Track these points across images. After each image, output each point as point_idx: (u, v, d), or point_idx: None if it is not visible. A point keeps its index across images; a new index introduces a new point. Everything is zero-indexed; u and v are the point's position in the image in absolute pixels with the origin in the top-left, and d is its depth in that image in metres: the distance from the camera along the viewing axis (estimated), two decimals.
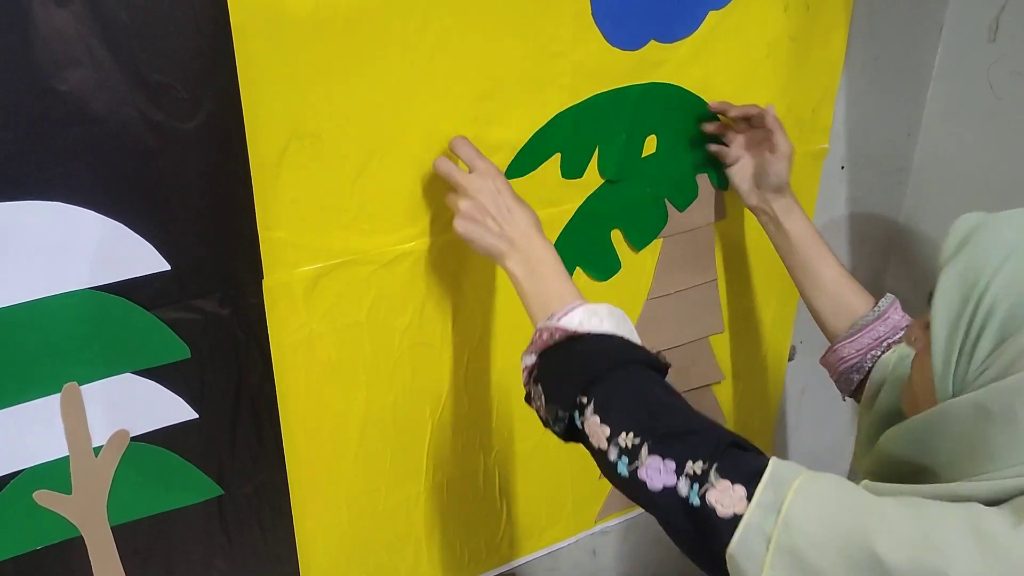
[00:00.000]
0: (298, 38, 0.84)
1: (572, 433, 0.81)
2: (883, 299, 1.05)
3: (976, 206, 1.32)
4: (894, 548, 0.63)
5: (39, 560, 0.93)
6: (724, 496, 0.69)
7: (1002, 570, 0.61)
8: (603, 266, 1.15)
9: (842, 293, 1.07)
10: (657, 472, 0.73)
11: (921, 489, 0.68)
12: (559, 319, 0.83)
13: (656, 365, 0.82)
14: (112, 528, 0.95)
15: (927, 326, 0.73)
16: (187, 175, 0.84)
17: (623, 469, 0.75)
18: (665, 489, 0.72)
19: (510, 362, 1.14)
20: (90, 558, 0.96)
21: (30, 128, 0.75)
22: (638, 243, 1.16)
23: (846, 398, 1.09)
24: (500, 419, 1.17)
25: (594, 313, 0.84)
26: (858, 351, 1.03)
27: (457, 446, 1.16)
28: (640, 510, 1.40)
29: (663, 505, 0.72)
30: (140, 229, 0.84)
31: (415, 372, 1.07)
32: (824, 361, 1.09)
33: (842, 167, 1.32)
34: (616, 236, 1.15)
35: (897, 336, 1.02)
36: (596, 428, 0.77)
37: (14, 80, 0.73)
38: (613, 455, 0.75)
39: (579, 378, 0.80)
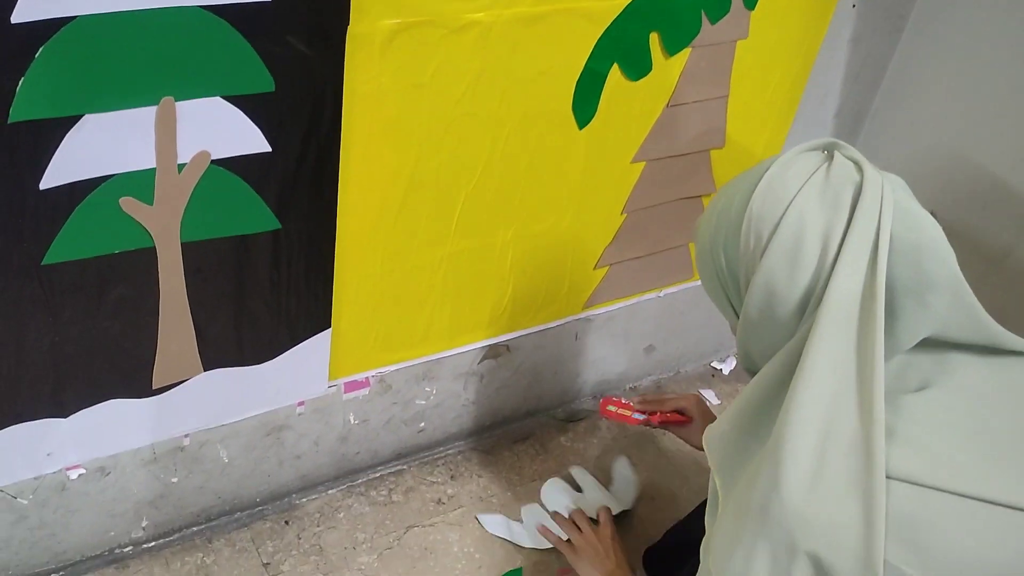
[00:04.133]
0: None
1: None
2: None
3: (962, 52, 1.43)
4: None
5: (114, 264, 1.00)
6: None
7: None
8: (638, 65, 1.23)
9: None
10: None
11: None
12: None
13: None
14: (181, 244, 1.03)
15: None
16: None
17: None
18: None
19: (542, 144, 1.22)
20: (158, 269, 1.03)
21: None
22: (672, 48, 1.24)
23: None
24: (522, 198, 1.26)
25: None
26: None
27: (482, 218, 1.25)
28: (621, 304, 1.55)
29: None
30: None
31: (461, 140, 1.15)
32: None
33: (853, 5, 1.41)
34: (653, 40, 1.23)
35: None
36: None
37: None
38: None
39: None
